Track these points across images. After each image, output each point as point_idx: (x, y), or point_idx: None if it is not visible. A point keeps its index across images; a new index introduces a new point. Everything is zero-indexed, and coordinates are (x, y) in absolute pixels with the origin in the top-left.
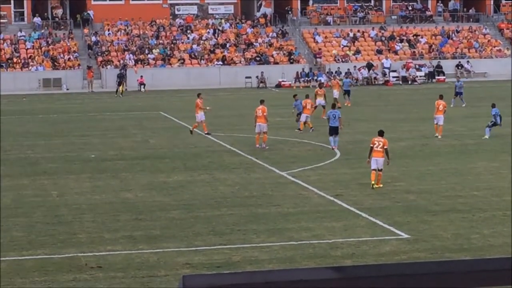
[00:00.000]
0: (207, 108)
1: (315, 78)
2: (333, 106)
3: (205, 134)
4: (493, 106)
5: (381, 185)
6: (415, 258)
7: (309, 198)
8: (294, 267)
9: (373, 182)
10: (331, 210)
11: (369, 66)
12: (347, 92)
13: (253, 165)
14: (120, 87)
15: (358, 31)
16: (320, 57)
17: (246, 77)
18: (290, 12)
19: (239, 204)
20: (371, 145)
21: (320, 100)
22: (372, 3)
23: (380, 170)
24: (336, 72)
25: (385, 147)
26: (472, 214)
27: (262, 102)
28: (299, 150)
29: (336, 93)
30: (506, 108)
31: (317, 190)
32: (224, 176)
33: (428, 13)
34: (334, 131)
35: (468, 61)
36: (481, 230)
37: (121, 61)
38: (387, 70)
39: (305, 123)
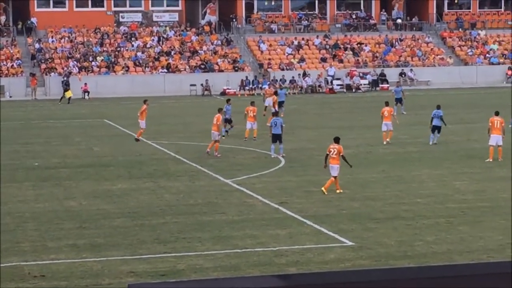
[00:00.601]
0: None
1: (260, 86)
2: (275, 114)
3: (135, 139)
4: (438, 107)
5: (341, 190)
6: (359, 265)
7: (254, 205)
8: (239, 275)
9: (323, 189)
10: (276, 217)
11: (304, 74)
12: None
13: (198, 173)
14: (66, 93)
15: (303, 39)
16: (263, 66)
17: (191, 85)
18: (234, 20)
19: (184, 212)
20: (327, 152)
21: (269, 101)
22: (317, 11)
23: (335, 177)
24: (280, 80)
25: (341, 153)
26: (416, 221)
27: (219, 110)
28: (244, 157)
29: (268, 101)
30: (450, 116)
31: (262, 197)
32: (169, 184)
33: (371, 21)
34: (277, 138)
35: (411, 69)
36: (424, 237)
37: (65, 69)
38: (331, 78)
39: (251, 130)
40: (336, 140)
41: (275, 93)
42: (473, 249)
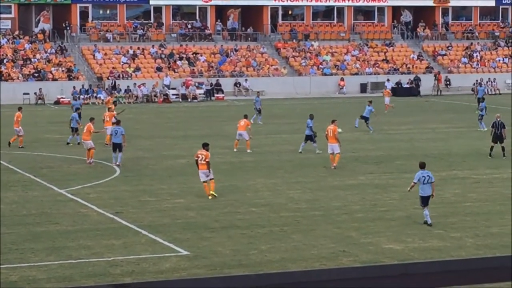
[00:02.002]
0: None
1: (95, 94)
2: (118, 123)
3: (8, 143)
4: (311, 117)
5: (215, 195)
6: (195, 274)
7: (88, 215)
8: (73, 286)
9: (209, 193)
10: (111, 227)
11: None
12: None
13: (31, 183)
14: None
15: (138, 48)
16: (102, 78)
17: (24, 93)
18: (69, 28)
19: (17, 222)
20: (196, 158)
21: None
22: (152, 20)
23: (205, 182)
24: (113, 88)
25: (206, 159)
26: (251, 230)
27: (91, 120)
28: (79, 167)
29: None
30: (286, 126)
31: (96, 207)
32: (1, 195)
33: (207, 31)
34: (117, 147)
35: (246, 79)
36: (259, 246)
37: None
38: (166, 88)
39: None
40: (205, 146)
41: (114, 102)
42: (307, 257)
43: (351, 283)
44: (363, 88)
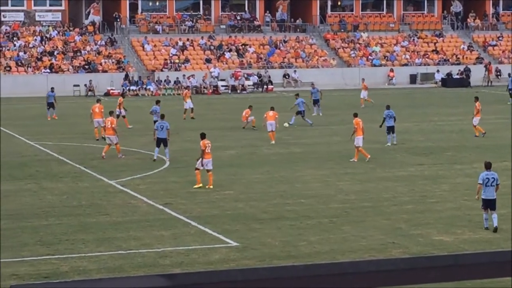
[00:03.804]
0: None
1: (144, 86)
2: (162, 117)
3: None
4: (388, 107)
5: (211, 187)
6: (244, 265)
7: (138, 207)
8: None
9: (200, 185)
10: (160, 218)
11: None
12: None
13: (82, 174)
14: None
15: (187, 39)
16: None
17: (74, 85)
18: (118, 20)
19: (67, 213)
20: (202, 148)
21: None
22: (201, 12)
23: (209, 171)
24: (165, 80)
25: (210, 147)
26: (300, 222)
27: (111, 113)
28: (128, 158)
29: (189, 103)
30: (333, 117)
31: (146, 199)
32: (52, 185)
33: (256, 23)
34: (161, 141)
35: (295, 71)
36: (308, 237)
37: None
38: (216, 79)
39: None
40: (203, 136)
41: (122, 95)
42: (356, 248)
43: (400, 274)
44: (413, 79)
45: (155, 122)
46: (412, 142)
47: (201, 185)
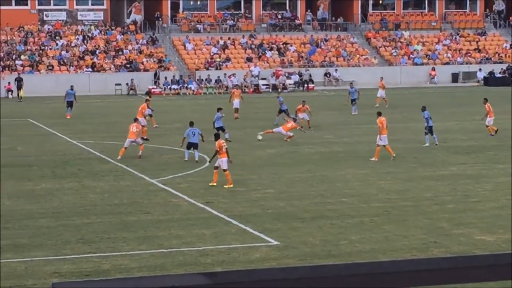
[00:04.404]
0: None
1: (186, 85)
2: (191, 124)
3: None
4: (423, 109)
5: (232, 185)
6: (284, 264)
7: (179, 205)
8: (165, 273)
9: (215, 184)
10: (201, 217)
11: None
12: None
13: (123, 173)
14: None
15: (229, 38)
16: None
17: (116, 84)
18: (160, 19)
19: (108, 212)
20: (217, 149)
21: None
22: (242, 11)
23: (225, 170)
24: (206, 79)
25: (226, 147)
26: (341, 221)
27: (135, 120)
28: (170, 157)
29: (237, 103)
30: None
31: (187, 197)
32: (93, 184)
33: (297, 21)
34: (192, 145)
35: (336, 70)
36: (349, 236)
37: None
38: (256, 78)
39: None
40: (218, 137)
41: (147, 93)
42: (397, 248)
43: (441, 274)
44: (455, 78)
45: (217, 129)
46: (454, 141)
47: (215, 184)
